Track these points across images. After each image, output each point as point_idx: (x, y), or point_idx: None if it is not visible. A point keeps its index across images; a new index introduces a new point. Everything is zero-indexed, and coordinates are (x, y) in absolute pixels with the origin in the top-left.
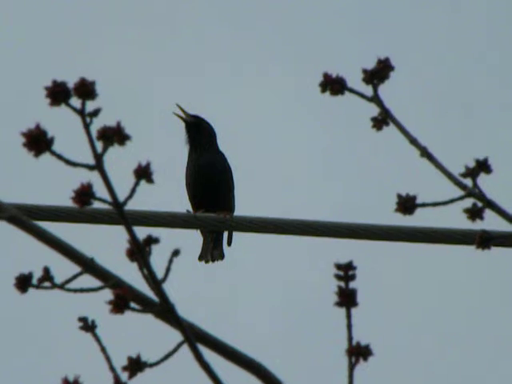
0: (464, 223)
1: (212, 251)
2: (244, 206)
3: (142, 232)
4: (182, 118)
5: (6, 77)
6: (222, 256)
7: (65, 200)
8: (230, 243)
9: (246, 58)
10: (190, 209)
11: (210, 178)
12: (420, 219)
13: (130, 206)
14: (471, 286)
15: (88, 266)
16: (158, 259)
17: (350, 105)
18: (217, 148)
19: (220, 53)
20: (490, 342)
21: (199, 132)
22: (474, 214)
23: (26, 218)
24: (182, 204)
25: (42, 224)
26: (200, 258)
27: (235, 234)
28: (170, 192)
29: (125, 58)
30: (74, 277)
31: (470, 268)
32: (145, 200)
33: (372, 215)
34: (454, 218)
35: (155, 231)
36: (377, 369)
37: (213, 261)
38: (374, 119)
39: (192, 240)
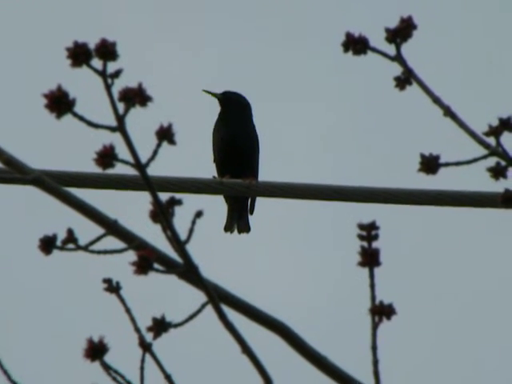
0: (487, 183)
1: (238, 221)
2: (267, 174)
3: (166, 198)
4: (213, 95)
5: (28, 38)
6: (248, 229)
7: (87, 163)
8: (252, 211)
9: (269, 26)
10: (216, 175)
11: (238, 145)
12: (443, 179)
13: (154, 171)
14: (495, 248)
15: (112, 227)
16: (181, 224)
17: (373, 64)
18: (246, 118)
19: (241, 27)
20: None
21: (230, 106)
22: (498, 172)
23: (49, 180)
24: (205, 169)
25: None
26: (226, 229)
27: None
28: (194, 157)
29: (146, 20)
30: (98, 238)
31: (494, 231)
32: (169, 166)
33: (395, 176)
34: (478, 177)
35: (180, 196)
36: (400, 328)
37: (239, 232)
38: (397, 79)
39: (217, 206)
